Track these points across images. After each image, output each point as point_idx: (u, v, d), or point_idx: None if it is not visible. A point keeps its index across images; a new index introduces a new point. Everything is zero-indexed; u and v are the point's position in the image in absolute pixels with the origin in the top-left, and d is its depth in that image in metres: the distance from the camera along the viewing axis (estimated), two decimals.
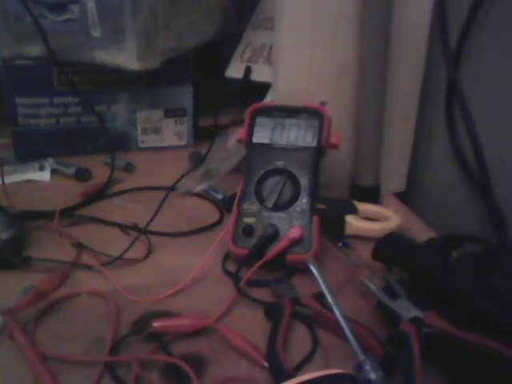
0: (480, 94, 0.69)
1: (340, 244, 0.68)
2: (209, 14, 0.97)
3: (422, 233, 0.71)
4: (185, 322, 0.53)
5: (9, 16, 0.87)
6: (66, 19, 0.84)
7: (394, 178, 0.81)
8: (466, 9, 0.67)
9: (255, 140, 0.69)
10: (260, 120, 0.70)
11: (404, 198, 0.82)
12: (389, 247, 0.60)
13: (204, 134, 0.99)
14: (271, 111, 0.71)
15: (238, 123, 0.93)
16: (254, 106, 0.71)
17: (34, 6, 0.83)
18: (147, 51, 0.84)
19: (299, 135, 0.69)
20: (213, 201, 0.81)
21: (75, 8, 0.83)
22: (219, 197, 0.80)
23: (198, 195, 0.82)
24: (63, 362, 0.49)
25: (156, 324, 0.52)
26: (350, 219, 0.70)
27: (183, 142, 1.01)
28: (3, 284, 0.61)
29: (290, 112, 0.70)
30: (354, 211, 0.71)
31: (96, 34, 0.82)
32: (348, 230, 0.70)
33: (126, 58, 0.83)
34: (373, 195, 0.79)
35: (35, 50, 0.88)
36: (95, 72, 0.91)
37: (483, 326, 0.47)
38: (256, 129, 0.70)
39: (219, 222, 0.75)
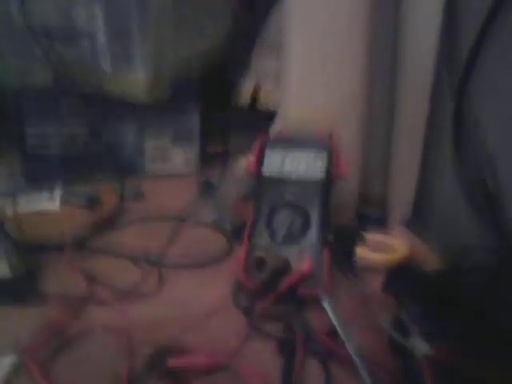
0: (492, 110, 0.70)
1: (350, 275, 0.68)
2: (217, 40, 0.98)
3: (429, 263, 0.71)
4: (200, 360, 0.53)
5: (18, 46, 0.88)
6: (75, 52, 0.85)
7: (401, 205, 0.82)
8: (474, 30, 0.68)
9: (265, 173, 0.70)
10: (269, 152, 0.71)
11: (410, 224, 0.83)
12: (399, 279, 0.60)
13: (211, 160, 1.00)
14: (280, 143, 0.71)
15: (244, 151, 0.94)
16: (264, 137, 0.72)
17: (43, 37, 0.84)
18: (156, 83, 0.85)
19: (308, 168, 0.69)
20: (221, 231, 0.81)
21: (84, 40, 0.84)
22: (228, 227, 0.81)
23: (205, 225, 0.83)
24: None
25: (172, 362, 0.52)
26: (359, 250, 0.70)
27: (191, 169, 1.02)
28: (17, 320, 0.61)
29: (299, 144, 0.71)
30: (362, 241, 0.72)
31: (105, 65, 0.84)
32: (357, 261, 0.70)
33: (135, 89, 0.84)
34: (380, 223, 0.80)
35: (44, 79, 0.89)
36: (104, 102, 0.92)
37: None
38: (265, 161, 0.71)
39: (228, 252, 0.76)
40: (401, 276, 0.61)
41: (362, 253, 0.70)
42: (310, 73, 0.74)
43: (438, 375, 0.48)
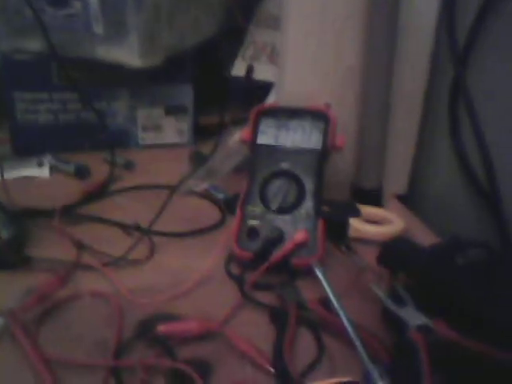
0: (486, 94, 0.69)
1: (343, 247, 0.67)
2: (212, 11, 0.96)
3: (424, 237, 0.71)
4: (190, 326, 0.52)
5: (8, 9, 0.85)
6: (67, 14, 0.82)
7: (396, 180, 0.81)
8: (474, 9, 0.67)
9: (260, 141, 0.69)
10: (265, 121, 0.70)
11: (405, 200, 0.82)
12: (394, 252, 0.59)
13: (204, 132, 0.98)
14: (276, 112, 0.70)
15: (238, 122, 0.92)
16: (260, 106, 0.71)
17: (34, 0, 0.82)
18: (150, 48, 0.83)
19: (304, 137, 0.68)
20: (214, 200, 0.80)
21: (77, 3, 0.82)
22: (221, 196, 0.79)
23: (198, 195, 0.82)
24: (66, 366, 0.48)
25: (161, 328, 0.51)
26: (353, 222, 0.69)
27: (184, 140, 1.00)
28: (3, 284, 0.60)
29: (295, 113, 0.69)
30: (357, 214, 0.71)
31: (98, 30, 0.81)
32: (352, 233, 0.69)
33: (128, 54, 0.82)
34: (374, 198, 0.79)
35: (34, 44, 0.86)
36: (95, 68, 0.90)
37: (491, 333, 0.47)
38: (261, 130, 0.69)
39: (221, 222, 0.74)
40: (396, 249, 0.60)
41: (356, 225, 0.69)
42: (308, 46, 0.72)
43: (432, 347, 0.48)
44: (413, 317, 0.51)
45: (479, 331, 0.48)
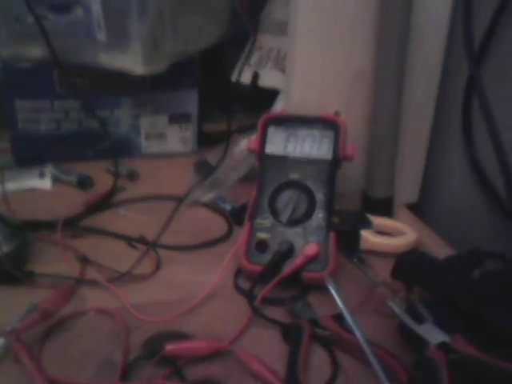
0: (503, 96, 0.67)
1: (355, 260, 0.65)
2: (216, 17, 0.94)
3: (436, 247, 0.69)
4: (199, 345, 0.50)
5: (9, 16, 0.83)
6: (69, 21, 0.81)
7: (408, 189, 0.79)
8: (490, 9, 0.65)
9: (268, 151, 0.67)
10: (273, 130, 0.68)
11: (415, 209, 0.80)
12: (410, 266, 0.57)
13: (209, 140, 0.97)
14: (285, 121, 0.68)
15: (243, 130, 0.90)
16: (267, 115, 0.69)
17: (36, 7, 0.80)
18: (153, 55, 0.81)
19: (314, 146, 0.66)
20: (220, 212, 0.78)
21: (79, 9, 0.80)
22: (227, 208, 0.77)
23: (204, 206, 0.80)
24: None
25: (169, 347, 0.49)
26: (365, 234, 0.67)
27: (188, 149, 0.98)
28: (5, 301, 0.58)
29: (304, 122, 0.67)
30: (368, 225, 0.69)
31: (101, 37, 0.79)
32: (363, 245, 0.67)
33: (132, 61, 0.80)
34: (385, 207, 0.77)
35: (36, 51, 0.84)
36: (98, 76, 0.88)
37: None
38: (269, 139, 0.67)
39: (228, 234, 0.72)
40: (412, 262, 0.58)
41: (367, 237, 0.67)
42: (317, 51, 0.70)
43: (453, 365, 0.46)
44: (432, 334, 0.49)
45: (499, 347, 0.47)
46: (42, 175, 0.85)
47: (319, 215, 0.63)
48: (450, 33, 0.72)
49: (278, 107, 0.82)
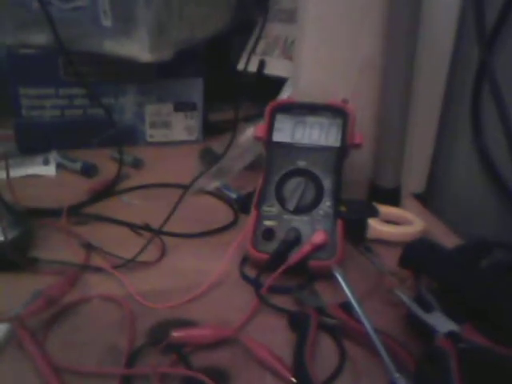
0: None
1: (362, 249, 0.65)
2: (223, 4, 0.93)
3: (444, 237, 0.68)
4: (205, 332, 0.50)
5: (14, 2, 0.82)
6: (74, 7, 0.80)
7: (415, 178, 0.78)
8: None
9: (275, 138, 0.66)
10: (280, 117, 0.67)
11: (422, 199, 0.80)
12: (418, 254, 0.57)
13: (214, 129, 0.96)
14: (292, 108, 0.67)
15: (249, 119, 0.90)
16: (274, 102, 0.68)
17: None
18: (159, 42, 0.81)
19: (322, 134, 0.65)
20: (226, 200, 0.78)
21: None
22: (233, 196, 0.77)
23: (210, 194, 0.79)
24: (76, 374, 0.46)
25: (175, 334, 0.49)
26: (372, 222, 0.67)
27: (193, 137, 0.97)
28: (9, 287, 0.57)
29: (312, 109, 0.67)
30: (375, 214, 0.68)
31: (107, 23, 0.79)
32: (370, 234, 0.67)
33: (137, 48, 0.80)
34: (393, 197, 0.76)
35: (41, 38, 0.84)
36: (103, 63, 0.87)
37: None
38: (276, 126, 0.67)
39: (234, 222, 0.72)
40: (420, 250, 0.57)
41: (375, 225, 0.67)
42: (326, 38, 0.69)
43: (462, 354, 0.45)
44: (441, 323, 0.48)
45: (506, 336, 0.46)
46: (46, 162, 0.85)
47: (327, 203, 0.62)
48: (460, 18, 0.71)
49: (285, 95, 0.81)
